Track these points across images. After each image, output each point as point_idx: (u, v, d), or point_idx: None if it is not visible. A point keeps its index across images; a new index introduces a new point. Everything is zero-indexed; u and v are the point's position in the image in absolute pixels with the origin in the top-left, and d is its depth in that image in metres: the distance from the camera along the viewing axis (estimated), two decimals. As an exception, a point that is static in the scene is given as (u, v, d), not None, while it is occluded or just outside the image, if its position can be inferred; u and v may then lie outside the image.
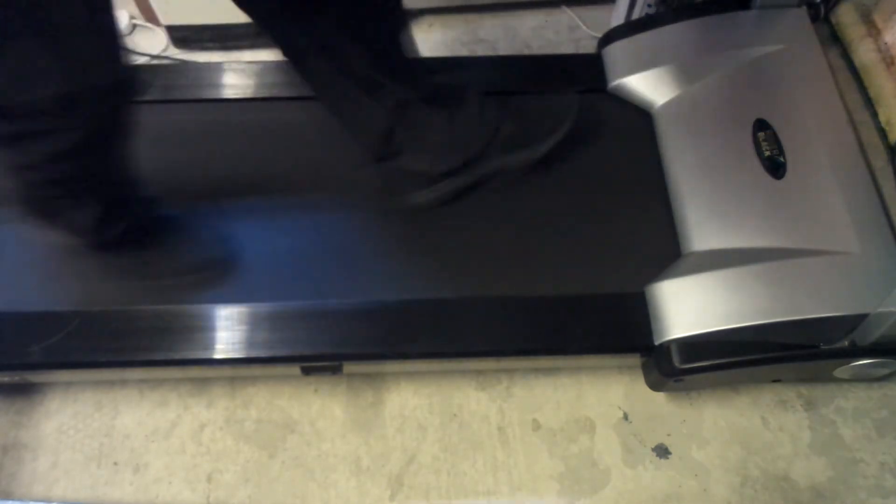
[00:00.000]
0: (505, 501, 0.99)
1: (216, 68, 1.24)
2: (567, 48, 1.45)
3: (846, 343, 0.94)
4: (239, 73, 1.22)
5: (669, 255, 1.03)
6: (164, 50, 1.44)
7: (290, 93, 1.18)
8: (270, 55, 1.15)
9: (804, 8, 1.21)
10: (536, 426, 1.04)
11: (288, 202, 1.10)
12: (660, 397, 1.06)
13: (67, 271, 1.02)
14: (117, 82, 0.80)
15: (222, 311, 0.98)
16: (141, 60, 1.41)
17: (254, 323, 0.97)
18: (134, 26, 1.46)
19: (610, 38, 1.26)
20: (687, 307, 0.96)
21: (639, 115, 1.17)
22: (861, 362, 0.95)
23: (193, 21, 1.39)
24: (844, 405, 1.06)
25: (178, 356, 0.95)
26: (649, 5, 1.30)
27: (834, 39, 1.36)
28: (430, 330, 0.99)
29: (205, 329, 0.97)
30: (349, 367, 1.02)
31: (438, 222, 1.08)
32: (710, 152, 1.09)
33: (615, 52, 1.23)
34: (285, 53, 0.95)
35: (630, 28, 1.26)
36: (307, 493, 0.99)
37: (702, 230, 1.02)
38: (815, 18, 1.21)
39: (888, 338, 0.90)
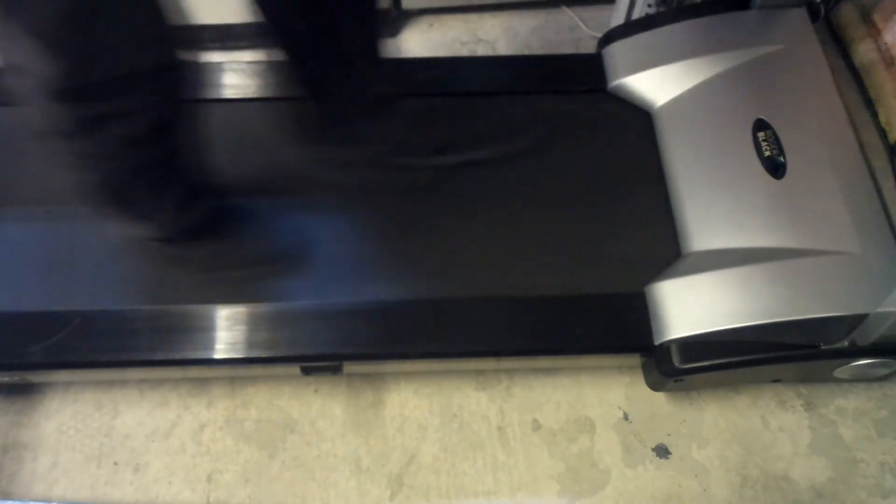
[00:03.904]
0: (505, 501, 0.99)
1: (216, 68, 1.24)
2: (567, 48, 1.45)
3: (846, 343, 0.94)
4: (239, 73, 1.22)
5: (669, 255, 1.03)
6: (164, 50, 1.43)
7: (290, 93, 1.18)
8: (270, 55, 1.15)
9: (804, 8, 1.21)
10: (536, 426, 1.04)
11: (287, 202, 1.10)
12: (660, 397, 1.06)
13: (69, 271, 1.02)
14: (176, 61, 0.82)
15: (222, 311, 0.98)
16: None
17: (254, 323, 0.97)
18: (134, 26, 1.46)
19: (610, 38, 1.26)
20: (687, 307, 0.96)
21: (639, 115, 1.17)
22: (861, 362, 0.96)
23: (193, 21, 1.39)
24: (844, 405, 1.06)
25: (178, 356, 0.95)
26: (649, 5, 1.30)
27: (834, 39, 1.36)
28: (430, 330, 0.99)
29: (205, 329, 0.97)
30: (349, 367, 1.02)
31: (439, 222, 1.08)
32: (710, 152, 1.09)
33: (615, 52, 1.23)
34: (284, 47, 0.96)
35: (630, 28, 1.26)
36: (307, 493, 0.99)
37: (702, 230, 1.02)
38: (815, 18, 1.20)
39: (888, 338, 0.91)
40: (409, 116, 1.13)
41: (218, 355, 0.95)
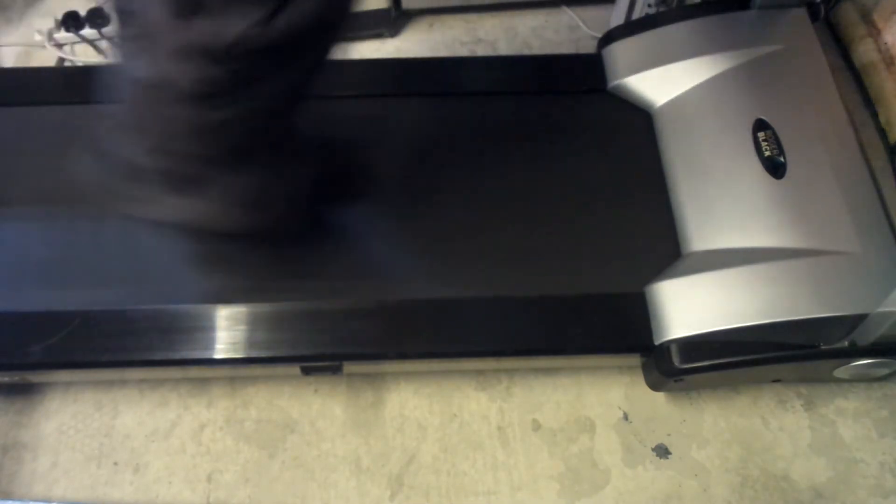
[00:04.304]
0: (505, 501, 0.99)
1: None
2: (567, 48, 1.45)
3: (846, 343, 0.94)
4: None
5: (669, 255, 1.03)
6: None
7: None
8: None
9: (804, 8, 1.21)
10: (536, 426, 1.04)
11: None
12: (660, 397, 1.06)
13: (69, 271, 1.02)
14: (342, 20, 0.76)
15: (222, 311, 0.98)
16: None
17: (254, 323, 0.97)
18: (134, 26, 1.46)
19: (610, 38, 1.26)
20: (687, 307, 0.96)
21: (639, 115, 1.17)
22: (861, 362, 0.96)
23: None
24: (844, 405, 1.06)
25: (178, 356, 0.95)
26: (649, 5, 1.30)
27: (834, 39, 1.36)
28: (430, 330, 0.99)
29: (205, 329, 0.97)
30: (349, 367, 1.02)
31: (438, 222, 1.08)
32: (710, 152, 1.09)
33: (615, 52, 1.23)
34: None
35: (630, 28, 1.26)
36: (307, 493, 0.99)
37: (702, 230, 1.03)
38: (815, 18, 1.20)
39: (888, 338, 0.90)
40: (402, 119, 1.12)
41: (218, 355, 0.95)
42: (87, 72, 1.30)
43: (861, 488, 0.99)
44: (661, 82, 1.17)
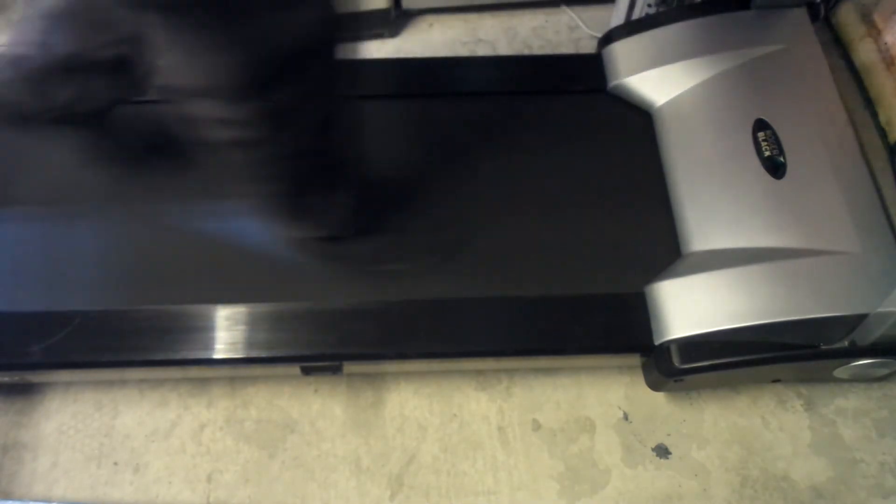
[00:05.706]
0: (505, 501, 0.99)
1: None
2: (567, 48, 1.45)
3: (846, 343, 0.94)
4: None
5: (669, 255, 1.03)
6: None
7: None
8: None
9: (804, 8, 1.21)
10: (536, 426, 1.04)
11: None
12: (660, 397, 1.06)
13: (68, 271, 1.02)
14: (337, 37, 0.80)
15: (222, 311, 0.98)
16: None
17: (254, 323, 0.97)
18: (134, 26, 1.46)
19: (610, 38, 1.26)
20: (687, 307, 0.96)
21: (639, 115, 1.17)
22: (861, 362, 0.96)
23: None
24: (844, 405, 1.06)
25: (178, 356, 0.95)
26: (649, 5, 1.30)
27: (834, 39, 1.36)
28: (430, 330, 0.99)
29: (205, 329, 0.97)
30: (349, 367, 1.02)
31: (438, 222, 1.08)
32: (710, 152, 1.09)
33: (615, 52, 1.23)
34: None
35: (630, 28, 1.26)
36: (307, 493, 0.99)
37: (702, 230, 1.03)
38: (815, 18, 1.21)
39: (888, 338, 0.91)
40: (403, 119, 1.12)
41: (218, 355, 0.95)
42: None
43: (861, 488, 0.99)
44: (661, 82, 1.17)
